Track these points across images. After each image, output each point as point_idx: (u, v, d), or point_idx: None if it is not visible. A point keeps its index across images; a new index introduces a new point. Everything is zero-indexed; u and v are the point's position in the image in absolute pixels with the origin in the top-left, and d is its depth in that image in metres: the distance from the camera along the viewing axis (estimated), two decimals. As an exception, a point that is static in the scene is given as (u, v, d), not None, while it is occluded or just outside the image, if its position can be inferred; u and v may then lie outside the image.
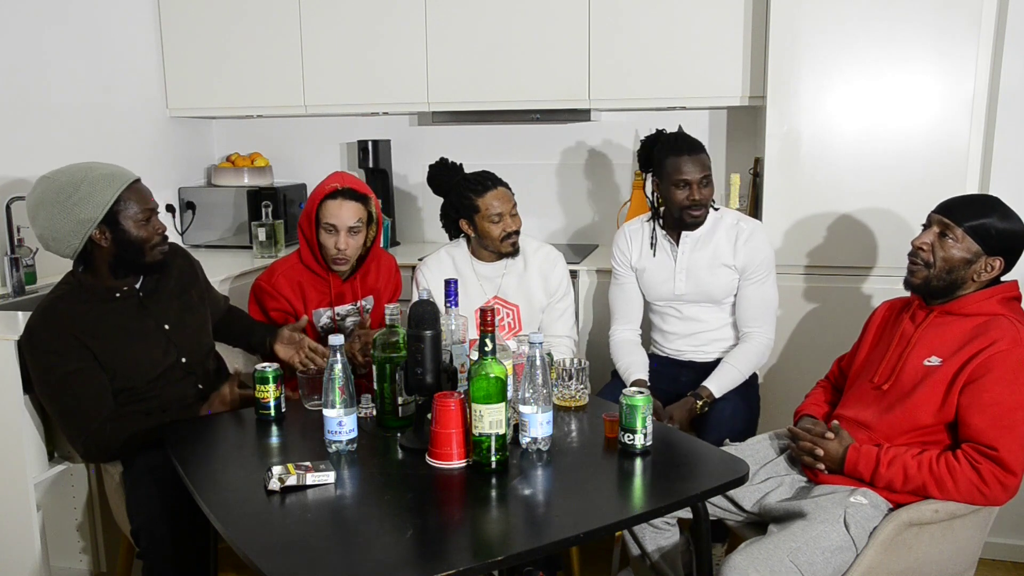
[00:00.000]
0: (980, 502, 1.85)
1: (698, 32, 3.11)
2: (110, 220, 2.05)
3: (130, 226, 2.08)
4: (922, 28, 2.70)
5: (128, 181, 2.09)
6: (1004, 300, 1.91)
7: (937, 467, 1.84)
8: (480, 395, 1.70)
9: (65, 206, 2.02)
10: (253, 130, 4.04)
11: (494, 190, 2.55)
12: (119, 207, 2.06)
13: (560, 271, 2.70)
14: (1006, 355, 1.82)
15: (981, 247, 1.90)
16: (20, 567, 2.38)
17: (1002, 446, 1.81)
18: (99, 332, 2.09)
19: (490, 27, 3.32)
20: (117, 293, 2.15)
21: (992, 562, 2.73)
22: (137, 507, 2.03)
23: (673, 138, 2.54)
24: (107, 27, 3.39)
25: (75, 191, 2.02)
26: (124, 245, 2.08)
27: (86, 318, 2.09)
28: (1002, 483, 1.81)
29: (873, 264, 2.85)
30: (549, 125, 3.68)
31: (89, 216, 2.03)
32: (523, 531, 1.57)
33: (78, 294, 2.12)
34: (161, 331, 2.20)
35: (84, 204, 2.02)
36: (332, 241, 2.50)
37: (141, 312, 2.18)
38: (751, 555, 1.78)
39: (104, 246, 2.07)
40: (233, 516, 1.60)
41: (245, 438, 2.00)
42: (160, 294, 2.24)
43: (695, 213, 2.51)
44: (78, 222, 2.03)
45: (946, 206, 1.96)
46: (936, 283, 1.94)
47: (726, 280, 2.56)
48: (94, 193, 2.03)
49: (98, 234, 2.05)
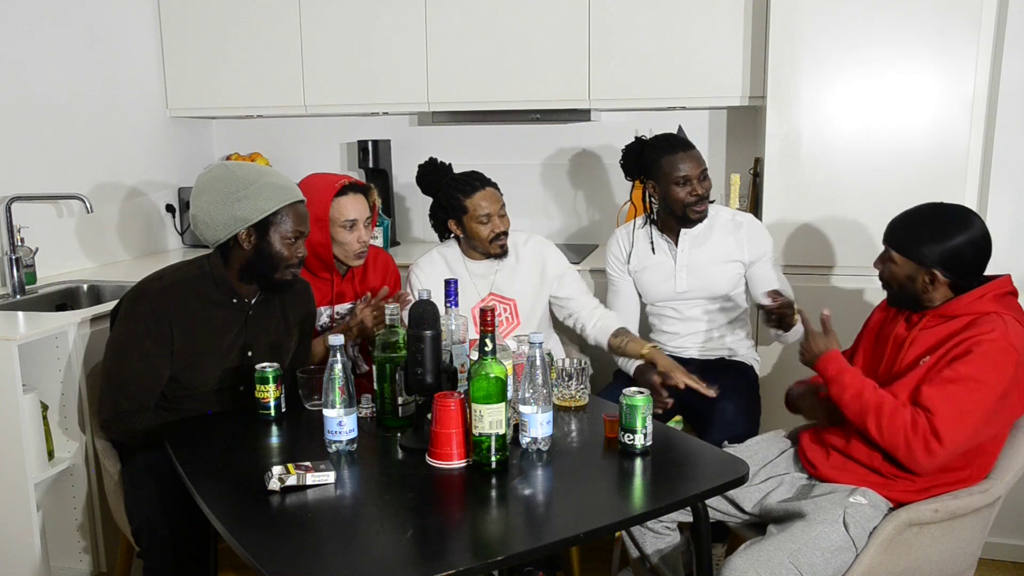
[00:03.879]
0: (902, 450, 1.82)
1: (698, 32, 3.11)
2: (261, 227, 2.10)
3: (276, 240, 2.11)
4: (922, 28, 2.70)
5: (293, 200, 2.13)
6: (997, 297, 1.90)
7: (887, 402, 1.85)
8: (480, 395, 1.70)
9: (228, 199, 2.07)
10: (253, 130, 4.04)
11: (482, 190, 2.53)
12: (274, 219, 2.10)
13: (554, 254, 2.67)
14: (983, 343, 1.81)
15: (915, 263, 1.93)
16: (20, 567, 2.38)
17: (938, 412, 1.79)
18: (192, 334, 2.10)
19: (490, 27, 3.32)
20: (235, 299, 2.17)
21: (992, 562, 2.74)
22: (137, 507, 2.03)
23: (663, 139, 2.55)
24: (107, 27, 3.39)
25: (244, 188, 2.07)
26: (263, 255, 2.11)
27: (189, 315, 2.10)
28: (926, 443, 1.79)
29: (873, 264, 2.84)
30: (549, 125, 3.68)
31: (245, 216, 2.07)
32: (523, 531, 1.57)
33: (199, 286, 2.13)
34: (243, 356, 2.19)
35: (245, 203, 2.07)
36: (354, 236, 2.50)
37: (240, 328, 2.18)
38: (751, 557, 1.78)
39: (246, 248, 2.11)
40: (233, 516, 1.60)
41: (245, 438, 2.00)
42: (266, 319, 2.23)
43: (699, 208, 2.51)
44: (233, 218, 2.08)
45: (887, 227, 2.02)
46: (902, 297, 1.99)
47: (731, 274, 2.57)
48: (259, 197, 2.08)
49: (245, 235, 2.09)
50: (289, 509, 1.62)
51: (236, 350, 2.18)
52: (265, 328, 2.23)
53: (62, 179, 3.16)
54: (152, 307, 2.07)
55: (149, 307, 2.07)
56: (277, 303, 2.26)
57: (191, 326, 2.10)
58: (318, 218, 2.46)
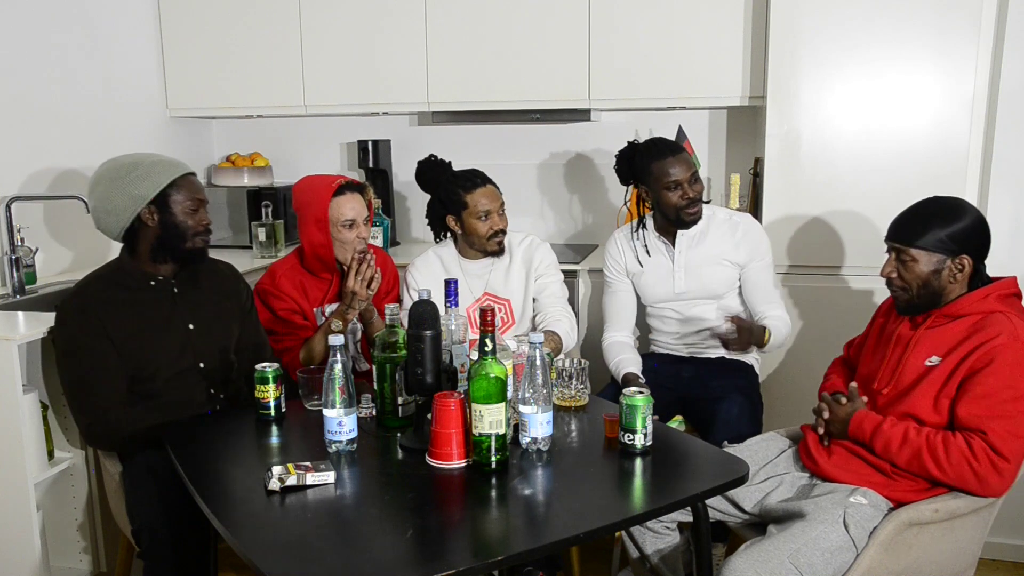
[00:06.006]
0: (972, 482, 1.81)
1: (698, 32, 3.11)
2: (160, 202, 2.16)
3: (178, 211, 2.18)
4: (922, 28, 2.70)
5: (185, 171, 2.22)
6: (1002, 297, 1.90)
7: (934, 436, 1.84)
8: (480, 395, 1.70)
9: (123, 182, 2.14)
10: (253, 130, 4.04)
11: (483, 187, 2.55)
12: (171, 192, 2.18)
13: (541, 254, 2.67)
14: (1003, 350, 1.81)
15: (941, 254, 1.91)
16: (20, 567, 2.38)
17: (991, 430, 1.79)
18: (122, 317, 2.14)
19: (490, 27, 3.32)
20: (152, 281, 2.21)
21: (992, 562, 2.74)
22: (137, 507, 2.03)
23: (652, 144, 2.55)
24: (107, 27, 3.39)
25: (134, 169, 2.16)
26: (169, 228, 2.18)
27: (113, 302, 2.15)
28: (994, 464, 1.79)
29: (873, 264, 2.84)
30: (549, 125, 3.68)
31: (142, 194, 2.14)
32: (523, 531, 1.57)
33: (115, 277, 2.20)
34: (185, 330, 2.23)
35: (140, 183, 2.14)
36: (354, 235, 2.50)
37: (170, 305, 2.22)
38: (751, 557, 1.78)
39: (150, 226, 2.17)
40: (233, 516, 1.60)
41: (245, 438, 2.00)
42: (194, 294, 2.27)
43: (692, 211, 2.52)
44: (131, 198, 2.14)
45: (893, 229, 1.99)
46: (920, 300, 1.96)
47: (727, 275, 2.58)
48: (151, 174, 2.16)
49: (147, 213, 2.16)
50: (289, 509, 1.62)
51: (175, 326, 2.22)
52: (198, 301, 2.28)
53: (62, 179, 3.16)
54: (74, 305, 2.15)
55: (72, 307, 2.15)
56: (204, 284, 2.31)
57: (118, 312, 2.15)
58: (318, 219, 2.46)
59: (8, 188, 2.94)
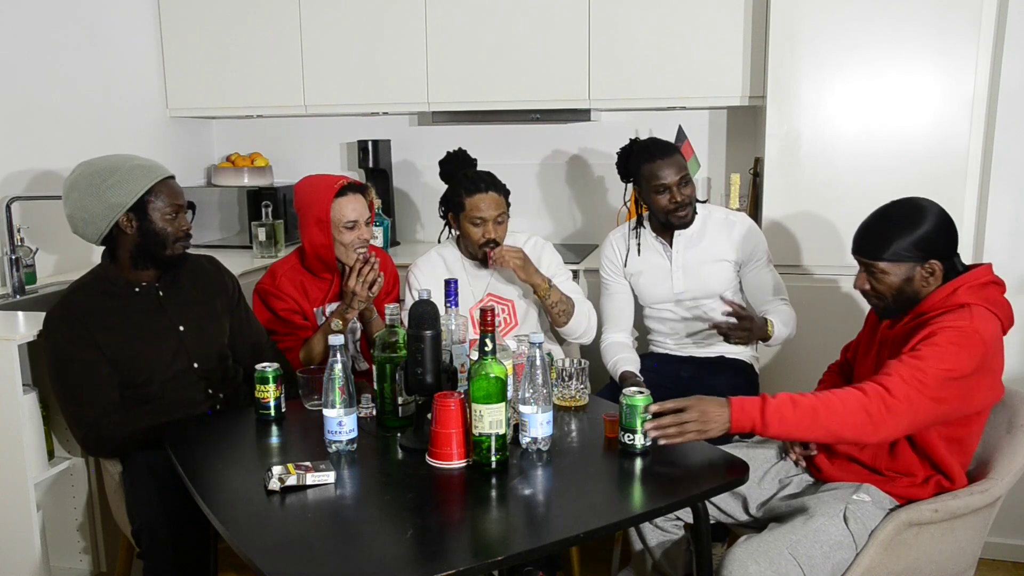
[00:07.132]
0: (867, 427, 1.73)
1: (698, 32, 3.11)
2: (139, 209, 2.11)
3: (157, 218, 2.13)
4: (922, 28, 2.70)
5: (163, 176, 2.16)
6: (973, 288, 1.87)
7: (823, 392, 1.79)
8: (480, 395, 1.70)
9: (99, 189, 2.08)
10: (253, 130, 4.04)
11: (484, 194, 2.51)
12: (150, 198, 2.12)
13: (549, 255, 2.67)
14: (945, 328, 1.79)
15: (909, 263, 1.88)
16: (20, 567, 2.38)
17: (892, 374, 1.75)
18: (111, 326, 2.11)
19: (490, 27, 3.32)
20: (136, 288, 2.19)
21: (992, 562, 2.74)
22: (138, 507, 2.03)
23: (645, 145, 2.55)
24: (107, 27, 3.39)
25: (111, 176, 2.09)
26: (148, 236, 2.14)
27: (100, 311, 2.12)
28: (885, 403, 1.73)
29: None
30: (549, 125, 3.68)
31: (120, 201, 2.09)
32: (523, 531, 1.57)
33: (98, 285, 2.17)
34: (175, 332, 2.21)
35: (117, 189, 2.08)
36: (355, 235, 2.50)
37: (158, 310, 2.20)
38: (751, 547, 1.78)
39: (129, 234, 2.13)
40: (233, 516, 1.60)
41: (245, 438, 2.00)
42: (180, 295, 2.25)
43: (680, 214, 2.52)
44: (108, 206, 2.09)
45: (857, 243, 1.96)
46: (897, 306, 1.94)
47: (725, 274, 2.59)
48: (128, 180, 2.10)
49: (125, 221, 2.11)
50: (289, 509, 1.62)
51: (165, 330, 2.19)
52: (185, 302, 2.25)
53: (62, 179, 3.15)
54: (60, 315, 2.11)
55: (57, 318, 2.11)
56: (187, 282, 2.28)
57: (104, 320, 2.12)
58: (319, 220, 2.46)
59: (8, 188, 2.94)
